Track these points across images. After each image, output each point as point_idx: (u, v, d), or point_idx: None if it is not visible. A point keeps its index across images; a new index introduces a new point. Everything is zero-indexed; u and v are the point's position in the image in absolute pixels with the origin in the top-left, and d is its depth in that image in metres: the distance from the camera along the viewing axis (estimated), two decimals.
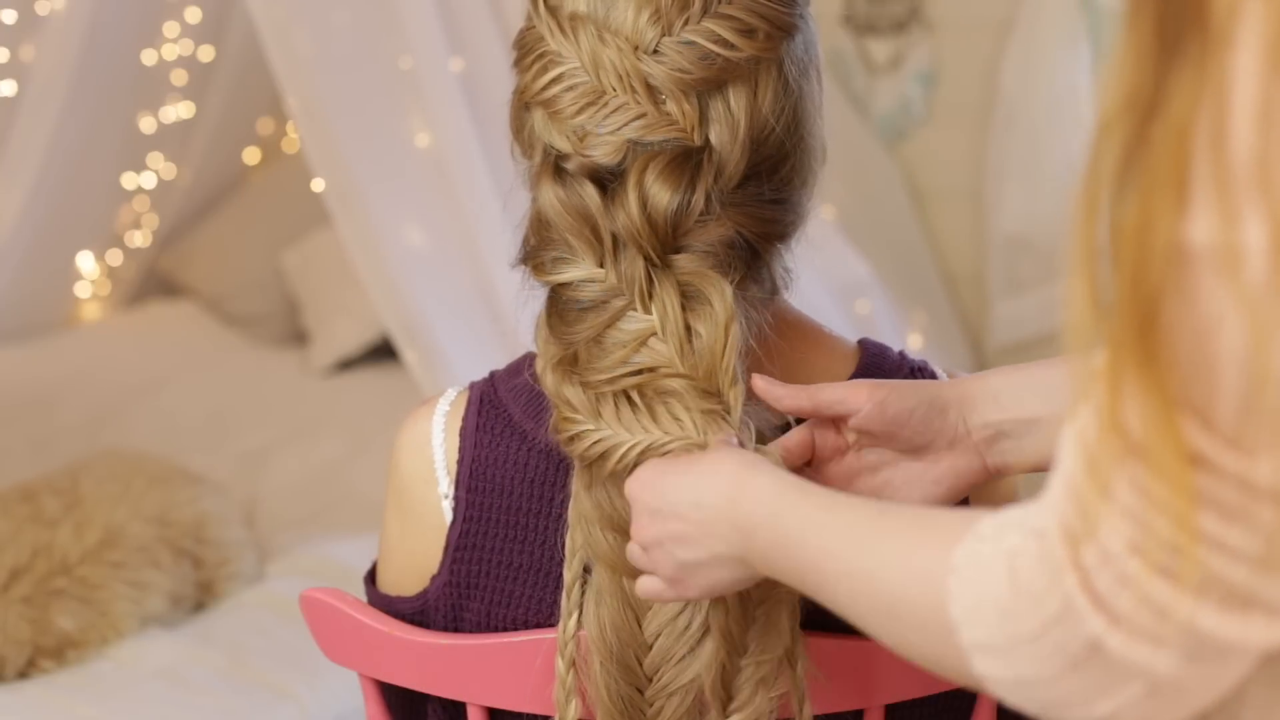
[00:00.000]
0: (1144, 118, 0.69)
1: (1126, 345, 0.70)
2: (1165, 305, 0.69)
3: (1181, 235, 0.67)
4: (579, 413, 1.12)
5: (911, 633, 0.87)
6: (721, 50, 1.11)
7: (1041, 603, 0.76)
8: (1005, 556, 0.79)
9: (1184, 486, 0.70)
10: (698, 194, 1.12)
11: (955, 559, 0.82)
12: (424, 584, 1.25)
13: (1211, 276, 0.67)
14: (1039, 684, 0.78)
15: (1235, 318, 0.67)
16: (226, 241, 3.72)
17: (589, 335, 1.13)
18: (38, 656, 2.22)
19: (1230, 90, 0.65)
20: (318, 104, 2.50)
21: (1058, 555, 0.76)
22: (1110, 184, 0.70)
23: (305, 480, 2.93)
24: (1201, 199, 0.67)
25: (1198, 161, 0.67)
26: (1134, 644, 0.74)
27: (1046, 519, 0.77)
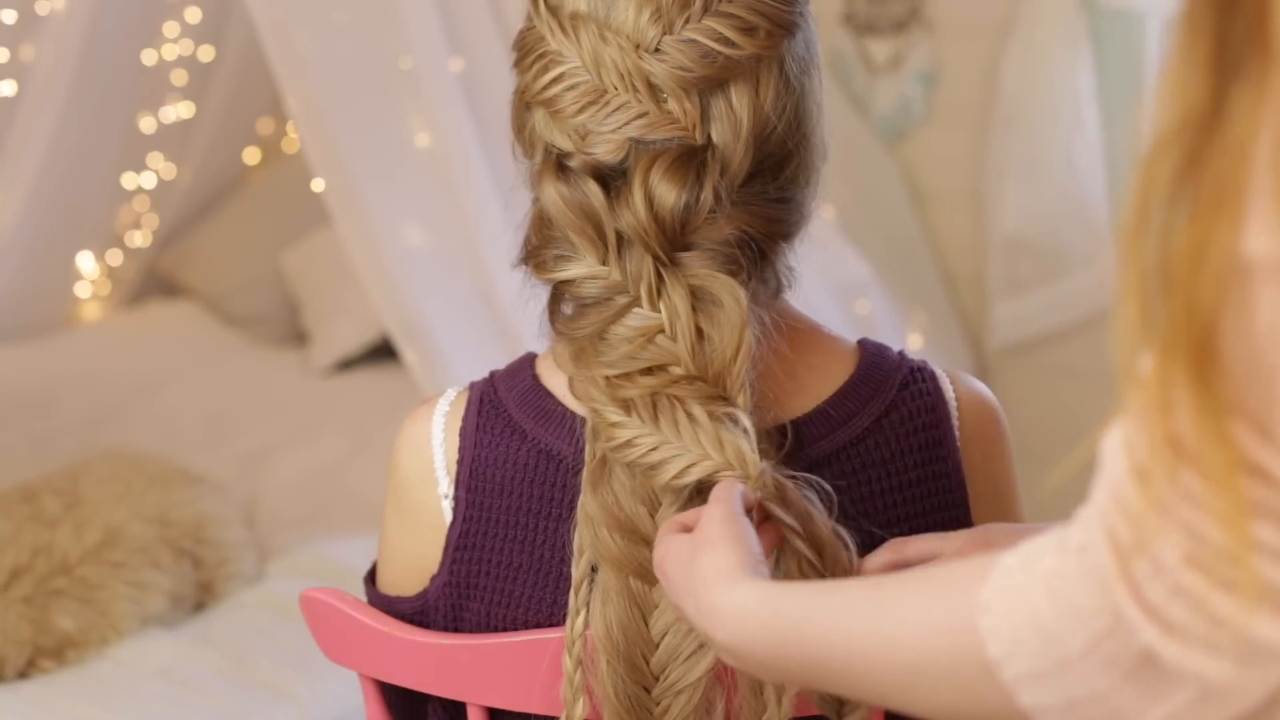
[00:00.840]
0: (1202, 136, 0.68)
1: (1178, 356, 0.70)
2: (1220, 317, 0.68)
3: (1240, 248, 0.67)
4: (624, 418, 1.12)
5: (944, 688, 0.85)
6: (723, 48, 1.12)
7: (1090, 619, 0.76)
8: (1041, 581, 0.78)
9: (1239, 496, 0.70)
10: (705, 191, 1.12)
11: (984, 598, 0.81)
12: (424, 584, 1.25)
13: (1272, 288, 0.67)
14: (1092, 701, 0.77)
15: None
16: (226, 241, 3.72)
17: (592, 330, 1.14)
18: (38, 656, 2.22)
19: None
20: (318, 104, 2.50)
21: (1106, 569, 0.75)
22: (1164, 201, 0.69)
23: (305, 480, 2.93)
24: (1261, 213, 0.66)
25: (1258, 177, 0.66)
26: (1189, 652, 0.74)
27: (1090, 534, 0.77)
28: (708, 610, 0.99)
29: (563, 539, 1.19)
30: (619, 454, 1.13)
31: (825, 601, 0.93)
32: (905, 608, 0.87)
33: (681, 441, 1.10)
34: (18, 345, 3.55)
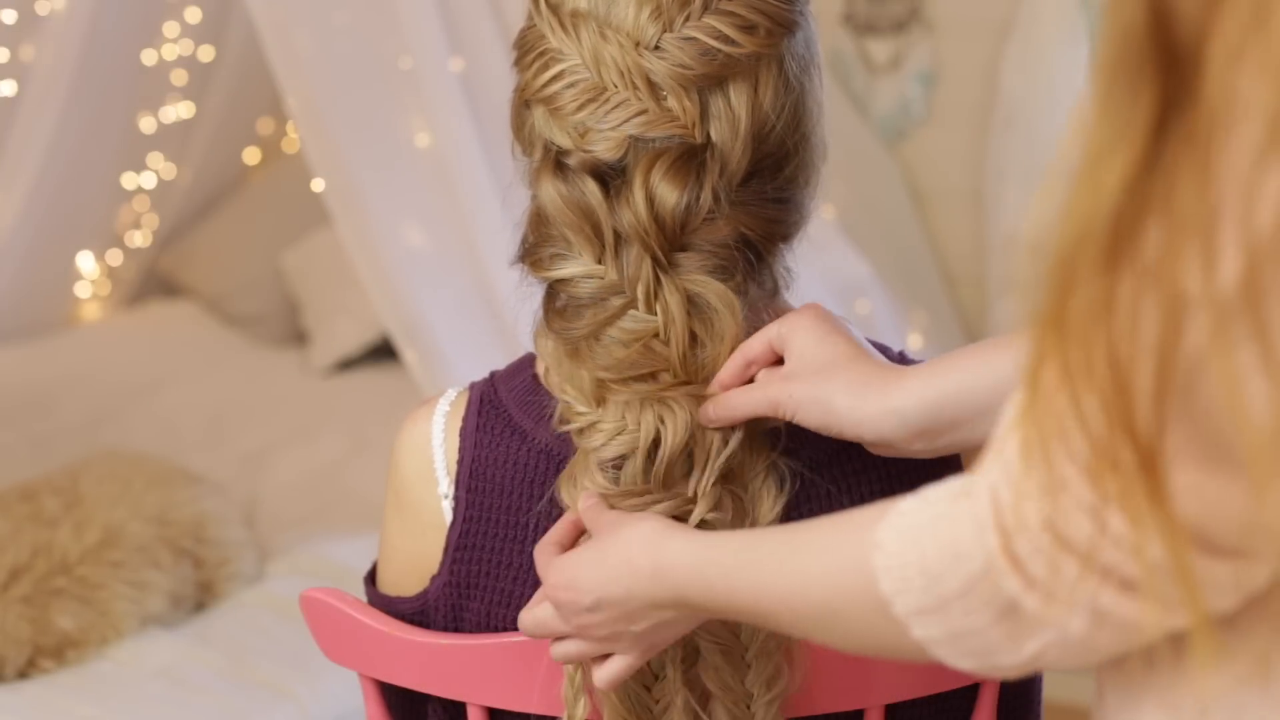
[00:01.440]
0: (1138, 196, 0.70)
1: (1052, 334, 0.74)
2: (1125, 326, 0.71)
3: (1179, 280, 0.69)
4: (585, 404, 1.13)
5: (855, 626, 0.91)
6: (722, 46, 1.11)
7: (967, 559, 0.82)
8: (930, 521, 0.85)
9: (1097, 479, 0.74)
10: (705, 192, 1.12)
11: (878, 537, 0.87)
12: (424, 584, 1.25)
13: (1200, 321, 0.69)
14: (971, 635, 0.83)
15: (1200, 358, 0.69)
16: (226, 241, 3.72)
17: (587, 331, 1.14)
18: (38, 656, 2.22)
19: (1224, 169, 0.67)
20: (318, 104, 2.50)
21: (983, 515, 0.81)
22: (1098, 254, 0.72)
23: (305, 480, 2.93)
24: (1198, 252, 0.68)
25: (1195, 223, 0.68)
26: (1046, 606, 0.79)
27: (976, 484, 0.82)
28: (650, 572, 1.03)
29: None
30: (583, 439, 1.14)
31: (750, 550, 0.98)
32: (815, 550, 0.93)
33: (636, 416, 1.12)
34: (18, 345, 3.55)
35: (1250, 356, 0.68)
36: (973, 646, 0.84)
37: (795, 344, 1.11)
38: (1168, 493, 0.73)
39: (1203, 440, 0.72)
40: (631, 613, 1.05)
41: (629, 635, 1.07)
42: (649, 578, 1.03)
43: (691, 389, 1.13)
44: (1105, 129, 0.70)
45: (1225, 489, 0.72)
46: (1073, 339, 0.73)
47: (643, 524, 1.06)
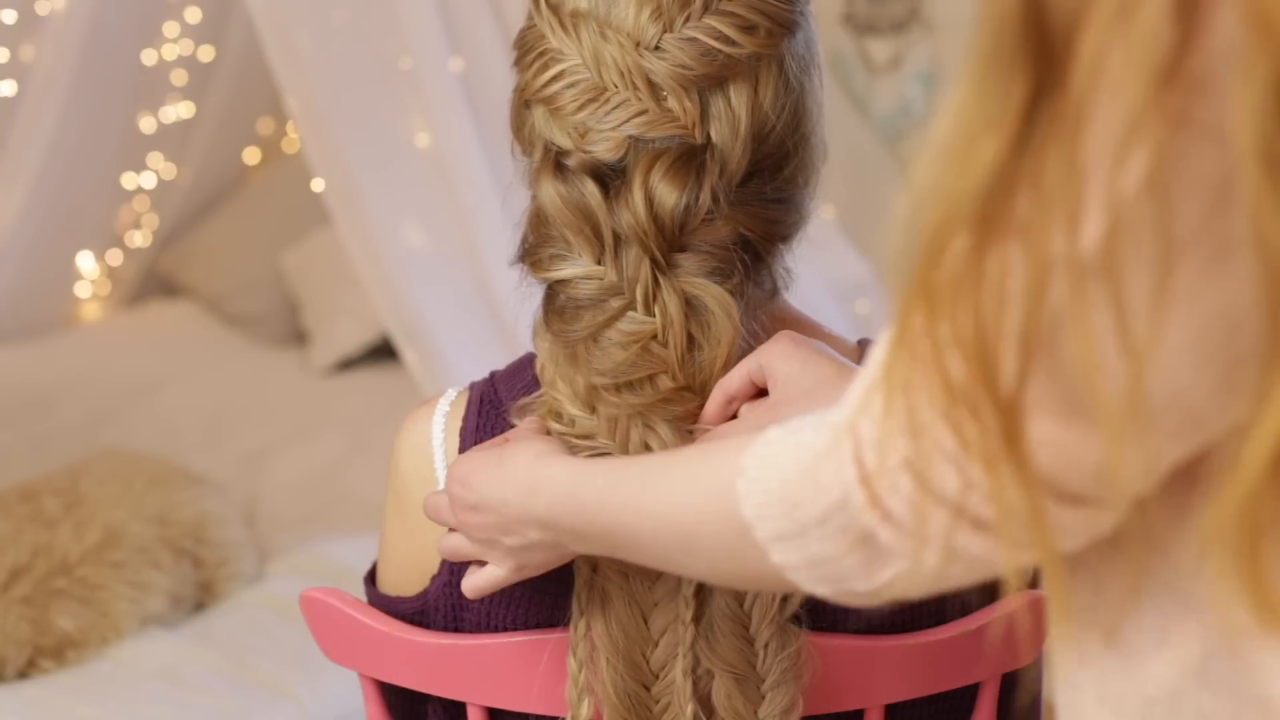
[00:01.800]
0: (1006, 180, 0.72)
1: (920, 288, 0.76)
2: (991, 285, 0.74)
3: (1046, 246, 0.71)
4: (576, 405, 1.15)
5: (714, 551, 0.93)
6: (723, 47, 1.11)
7: (826, 489, 0.84)
8: (793, 450, 0.87)
9: (956, 425, 0.76)
10: (704, 193, 1.12)
11: (743, 462, 0.89)
12: (424, 584, 1.25)
13: (1061, 282, 0.71)
14: (828, 562, 0.85)
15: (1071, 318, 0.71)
16: (226, 241, 3.72)
17: (586, 333, 1.14)
18: (38, 656, 2.22)
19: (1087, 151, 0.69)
20: (318, 104, 2.50)
21: (844, 449, 0.83)
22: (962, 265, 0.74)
23: (305, 480, 2.93)
24: (1062, 218, 0.71)
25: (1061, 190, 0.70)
26: (901, 540, 0.82)
27: (839, 417, 0.84)
28: (528, 485, 1.06)
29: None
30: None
31: (623, 471, 1.01)
32: (685, 473, 0.95)
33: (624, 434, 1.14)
34: (18, 345, 3.55)
35: (1105, 318, 0.70)
36: (828, 573, 0.86)
37: (779, 372, 1.12)
38: (1025, 442, 0.75)
39: (1061, 394, 0.74)
40: (507, 523, 1.08)
41: (501, 546, 1.11)
42: (527, 491, 1.06)
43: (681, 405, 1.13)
44: (977, 112, 0.72)
45: (1080, 442, 0.74)
46: (940, 292, 0.75)
47: (536, 442, 1.10)
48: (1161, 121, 0.68)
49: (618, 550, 1.02)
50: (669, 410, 1.13)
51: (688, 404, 1.14)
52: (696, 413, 1.14)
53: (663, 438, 1.13)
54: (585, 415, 1.15)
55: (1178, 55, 0.67)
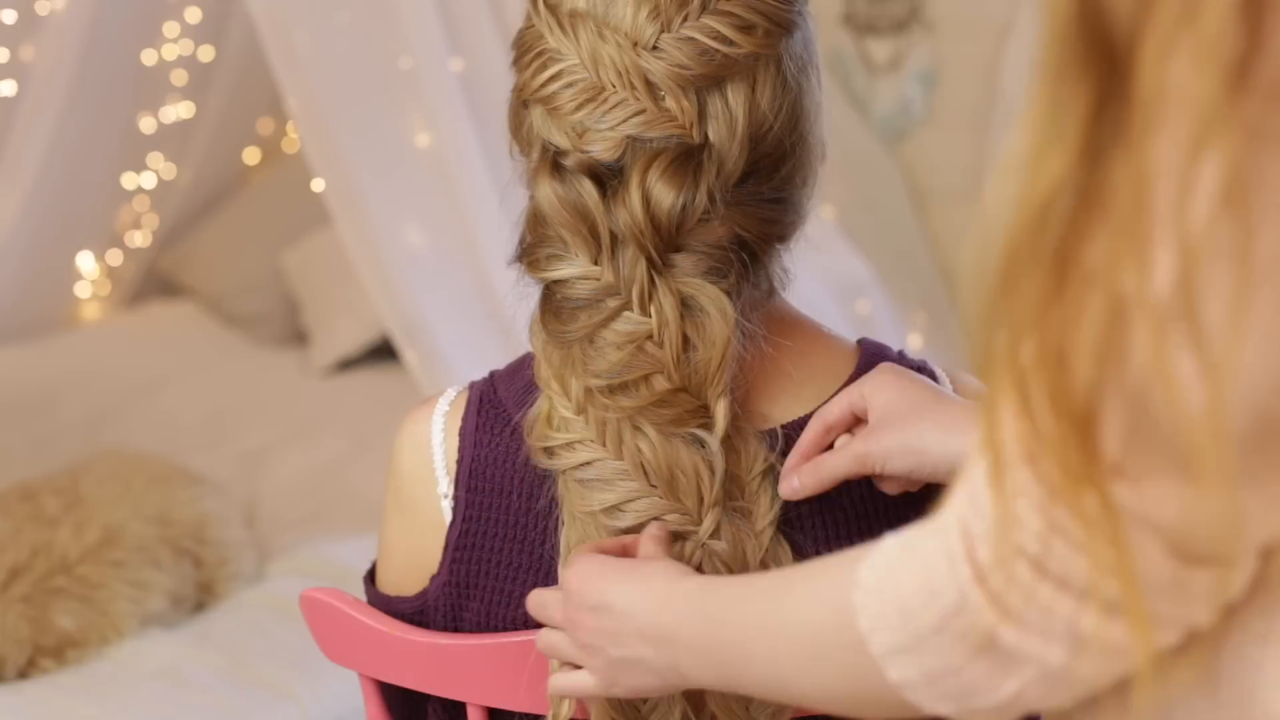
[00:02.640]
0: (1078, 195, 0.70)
1: (1033, 372, 0.72)
2: (1073, 333, 0.71)
3: (1119, 279, 0.69)
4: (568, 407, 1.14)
5: (833, 668, 0.89)
6: (720, 46, 1.12)
7: (941, 595, 0.80)
8: (906, 558, 0.83)
9: (1074, 502, 0.73)
10: (700, 193, 1.12)
11: (859, 575, 0.86)
12: (424, 584, 1.25)
13: (1139, 319, 0.69)
14: (948, 674, 0.81)
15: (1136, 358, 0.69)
16: (226, 241, 3.72)
17: (583, 334, 1.14)
18: (38, 656, 2.22)
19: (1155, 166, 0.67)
20: (318, 104, 2.50)
21: (956, 550, 0.79)
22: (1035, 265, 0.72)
23: (305, 480, 2.93)
24: (1136, 252, 0.68)
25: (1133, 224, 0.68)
26: (1025, 637, 0.78)
27: (947, 517, 0.81)
28: (662, 598, 1.03)
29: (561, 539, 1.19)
30: (557, 460, 1.15)
31: (752, 586, 0.98)
32: (807, 588, 0.92)
33: (621, 465, 1.14)
34: (18, 345, 3.55)
35: (1189, 363, 0.68)
36: (950, 688, 0.82)
37: (878, 401, 1.12)
38: (1117, 506, 0.72)
39: (1166, 449, 0.71)
40: (623, 633, 1.05)
41: (604, 655, 1.06)
42: (658, 603, 1.03)
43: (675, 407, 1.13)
44: (1043, 126, 0.71)
45: (1195, 496, 0.71)
46: (1025, 359, 0.72)
47: (671, 563, 1.07)
48: (1235, 132, 0.65)
49: (731, 673, 0.98)
50: (660, 413, 1.13)
51: (683, 406, 1.13)
52: (692, 414, 1.14)
53: (652, 442, 1.13)
54: (576, 417, 1.15)
55: (1247, 59, 0.64)
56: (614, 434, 1.14)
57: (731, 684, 1.00)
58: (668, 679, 1.04)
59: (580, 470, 1.15)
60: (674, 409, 1.13)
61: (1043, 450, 0.73)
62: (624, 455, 1.14)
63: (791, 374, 1.20)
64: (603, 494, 1.14)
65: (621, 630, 1.05)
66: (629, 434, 1.14)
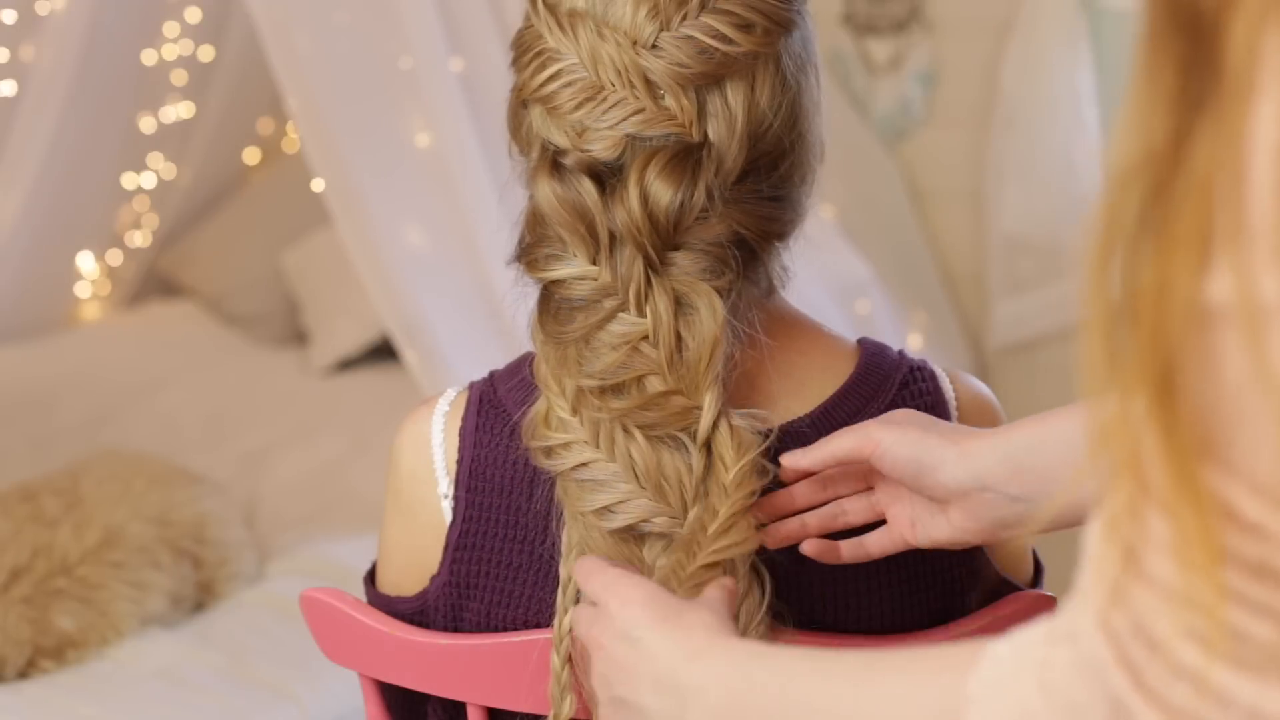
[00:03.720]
0: (1165, 172, 0.65)
1: (1143, 400, 0.65)
2: (1184, 359, 0.64)
3: (1203, 293, 0.63)
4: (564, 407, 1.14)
5: None
6: (719, 45, 1.12)
7: (1084, 710, 0.71)
8: (1033, 671, 0.74)
9: (1218, 556, 0.64)
10: (699, 190, 1.12)
11: (971, 689, 0.76)
12: (424, 584, 1.25)
13: (1233, 334, 0.62)
14: None
15: (1264, 376, 0.62)
16: (226, 241, 3.72)
17: (579, 335, 1.14)
18: (38, 656, 2.22)
19: (1250, 142, 0.62)
20: (318, 104, 2.50)
21: (1100, 655, 0.69)
22: (1128, 239, 0.65)
23: (305, 480, 2.93)
24: (1222, 255, 0.62)
25: (1220, 217, 0.62)
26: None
27: (1078, 620, 0.71)
28: (697, 645, 0.95)
29: (562, 539, 1.19)
30: (555, 460, 1.15)
31: (817, 663, 0.89)
32: (892, 683, 0.83)
33: (615, 467, 1.13)
34: (18, 345, 3.55)
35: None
36: None
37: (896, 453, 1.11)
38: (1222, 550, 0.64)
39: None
40: (635, 673, 0.98)
41: (609, 691, 1.01)
42: (689, 653, 0.96)
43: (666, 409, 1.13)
44: (1135, 102, 0.66)
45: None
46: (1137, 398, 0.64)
47: (727, 621, 0.99)
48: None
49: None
50: (649, 416, 1.13)
51: (675, 407, 1.13)
52: (684, 415, 1.13)
53: (640, 445, 1.13)
54: (572, 418, 1.15)
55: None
56: (607, 436, 1.14)
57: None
58: None
59: (577, 471, 1.15)
60: (665, 411, 1.13)
61: (1163, 492, 0.65)
62: (616, 457, 1.13)
63: (792, 373, 1.20)
64: (596, 495, 1.14)
65: (637, 670, 0.98)
66: (620, 436, 1.13)
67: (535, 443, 1.16)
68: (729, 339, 1.13)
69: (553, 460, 1.16)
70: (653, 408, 1.13)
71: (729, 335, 1.13)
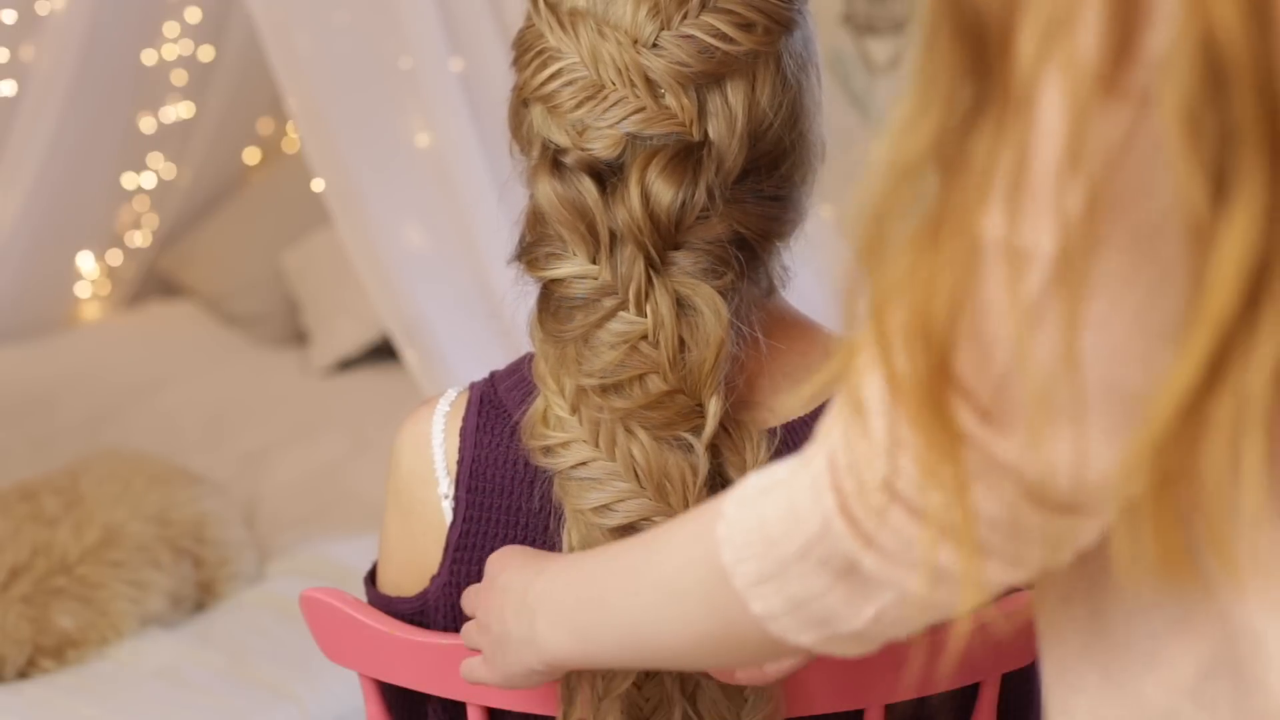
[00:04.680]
0: (943, 171, 0.73)
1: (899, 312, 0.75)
2: (936, 284, 0.73)
3: (979, 228, 0.72)
4: (562, 406, 1.15)
5: (695, 608, 0.90)
6: (720, 44, 1.12)
7: (805, 522, 0.82)
8: (771, 490, 0.85)
9: (937, 441, 0.75)
10: (700, 190, 1.12)
11: (724, 507, 0.87)
12: (424, 584, 1.25)
13: (997, 269, 0.71)
14: (810, 601, 0.83)
15: (1009, 310, 0.72)
16: (226, 241, 3.72)
17: (579, 334, 1.14)
18: (38, 656, 2.22)
19: (1034, 134, 0.70)
20: (318, 104, 2.50)
21: (821, 479, 0.82)
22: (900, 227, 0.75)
23: (305, 480, 2.93)
24: (1000, 206, 0.71)
25: (997, 188, 0.71)
26: (884, 564, 0.80)
27: (815, 450, 0.83)
28: (540, 564, 1.06)
29: (562, 539, 1.19)
30: (554, 459, 1.16)
31: (618, 546, 1.01)
32: (671, 530, 0.94)
33: (614, 465, 1.14)
34: (18, 345, 3.55)
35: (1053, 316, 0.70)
36: (811, 614, 0.84)
37: None
38: (999, 446, 0.75)
39: (1020, 396, 0.74)
40: (503, 609, 1.07)
41: (489, 635, 1.10)
42: (532, 575, 1.05)
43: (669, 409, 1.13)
44: (914, 96, 0.73)
45: (1050, 442, 0.74)
46: (885, 296, 0.75)
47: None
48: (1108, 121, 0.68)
49: (587, 632, 0.99)
50: (653, 416, 1.13)
51: (678, 407, 1.13)
52: (686, 416, 1.13)
53: (644, 445, 1.13)
54: (571, 417, 1.15)
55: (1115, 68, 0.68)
56: (607, 435, 1.14)
57: (588, 645, 1.00)
58: (529, 656, 1.05)
59: (576, 470, 1.15)
60: (668, 411, 1.13)
61: (904, 391, 0.75)
62: (616, 457, 1.13)
63: (791, 373, 1.20)
64: (594, 493, 1.14)
65: (504, 606, 1.07)
66: (622, 436, 1.14)
67: (534, 441, 1.17)
68: (731, 339, 1.13)
69: (551, 459, 1.16)
70: (656, 408, 1.13)
71: (731, 336, 1.13)
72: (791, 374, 1.20)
